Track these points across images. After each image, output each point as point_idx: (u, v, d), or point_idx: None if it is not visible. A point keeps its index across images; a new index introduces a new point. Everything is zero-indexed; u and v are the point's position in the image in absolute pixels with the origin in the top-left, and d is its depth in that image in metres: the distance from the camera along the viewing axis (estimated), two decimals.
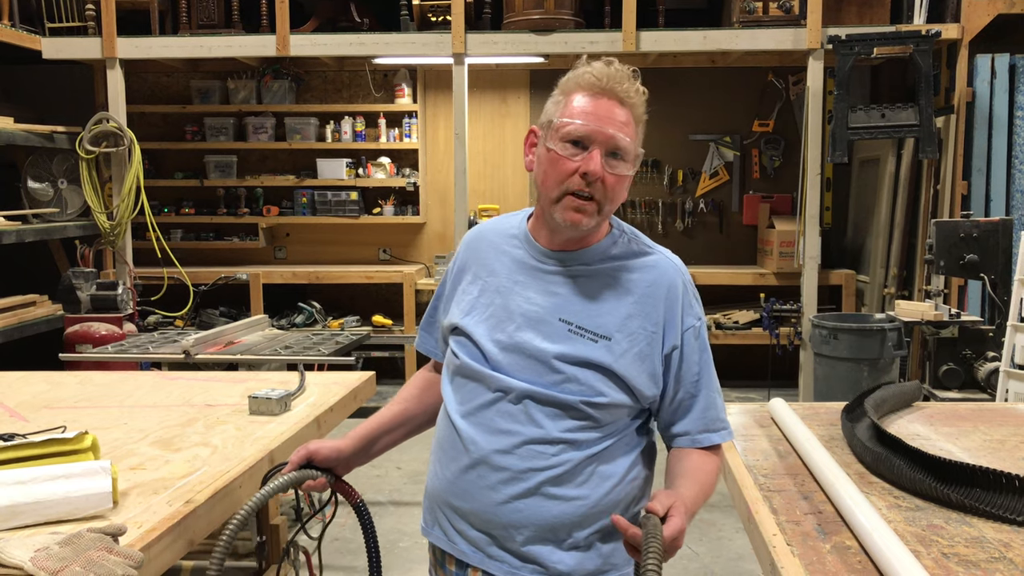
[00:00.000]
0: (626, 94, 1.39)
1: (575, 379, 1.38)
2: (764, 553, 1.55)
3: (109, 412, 2.48)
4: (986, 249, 4.14)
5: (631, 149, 1.39)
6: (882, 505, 1.68)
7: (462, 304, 1.50)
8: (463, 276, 1.54)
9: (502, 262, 1.48)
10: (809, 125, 5.48)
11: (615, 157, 1.37)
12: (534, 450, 1.38)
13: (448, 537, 1.47)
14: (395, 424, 1.65)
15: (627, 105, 1.39)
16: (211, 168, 6.59)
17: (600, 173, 1.35)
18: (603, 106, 1.37)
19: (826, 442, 2.07)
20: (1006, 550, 1.47)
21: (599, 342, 1.37)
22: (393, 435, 1.65)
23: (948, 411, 2.48)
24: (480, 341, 1.44)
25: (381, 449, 1.64)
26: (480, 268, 1.50)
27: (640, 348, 1.38)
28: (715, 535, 3.76)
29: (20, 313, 5.29)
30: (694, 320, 1.45)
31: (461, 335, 1.48)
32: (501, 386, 1.40)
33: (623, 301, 1.40)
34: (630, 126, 1.39)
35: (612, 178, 1.37)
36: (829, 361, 4.75)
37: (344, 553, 3.55)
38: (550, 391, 1.38)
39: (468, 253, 1.56)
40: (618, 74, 1.39)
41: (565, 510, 1.38)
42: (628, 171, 1.39)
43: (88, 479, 1.64)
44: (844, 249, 6.39)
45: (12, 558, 1.38)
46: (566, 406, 1.38)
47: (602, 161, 1.36)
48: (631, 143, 1.39)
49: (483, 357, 1.43)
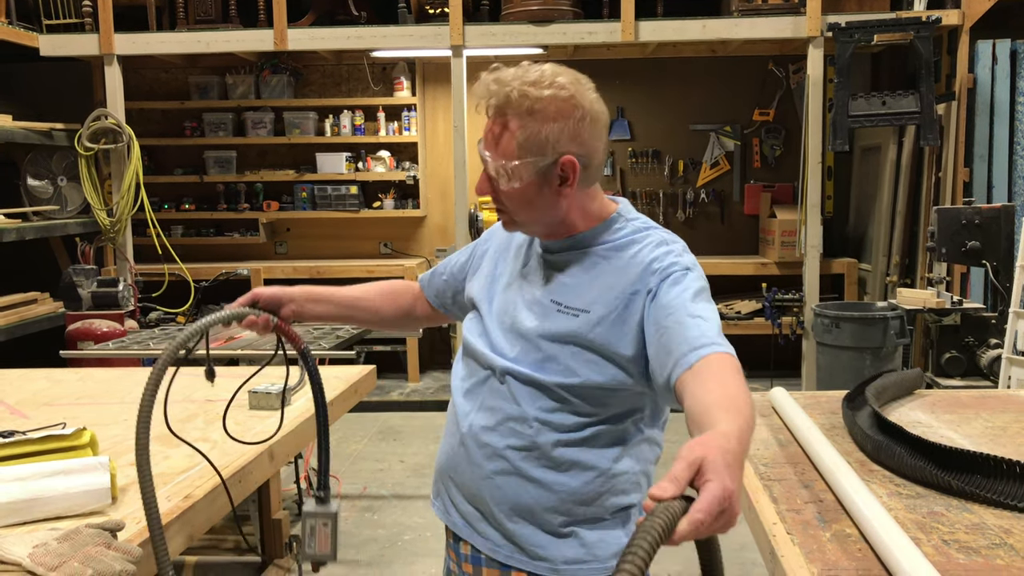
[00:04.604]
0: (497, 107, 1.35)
1: (554, 358, 1.38)
2: (764, 541, 1.55)
3: (110, 408, 2.48)
4: (988, 236, 4.13)
5: (501, 165, 1.35)
6: (883, 493, 1.67)
7: (482, 280, 1.55)
8: (487, 256, 1.60)
9: (523, 250, 1.52)
10: (810, 114, 5.46)
11: (497, 176, 1.37)
12: (513, 428, 1.40)
13: (446, 509, 1.51)
14: (343, 303, 1.71)
15: (503, 115, 1.34)
16: (210, 164, 6.58)
17: (479, 191, 1.42)
18: (486, 126, 1.38)
19: (827, 431, 2.06)
20: (1007, 536, 1.47)
21: (579, 316, 1.37)
22: (335, 311, 1.70)
23: (950, 398, 2.47)
24: (487, 321, 1.48)
25: (319, 314, 1.68)
26: (509, 255, 1.55)
27: (618, 312, 1.35)
28: None
29: (21, 311, 5.29)
30: (673, 270, 1.35)
31: (477, 312, 1.53)
32: (490, 364, 1.43)
33: (606, 275, 1.39)
34: (504, 138, 1.35)
35: (506, 195, 1.39)
36: (832, 350, 4.74)
37: (347, 547, 3.55)
38: (530, 370, 1.39)
39: (498, 239, 1.61)
40: (488, 86, 1.35)
41: (542, 493, 1.38)
42: (510, 186, 1.36)
43: (86, 475, 1.64)
44: (846, 238, 6.38)
45: (10, 554, 1.38)
46: (543, 386, 1.38)
47: (483, 179, 1.41)
48: (500, 159, 1.35)
49: (486, 335, 1.47)
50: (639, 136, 6.61)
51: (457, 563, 1.49)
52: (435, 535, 3.73)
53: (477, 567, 1.44)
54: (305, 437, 2.40)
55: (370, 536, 3.69)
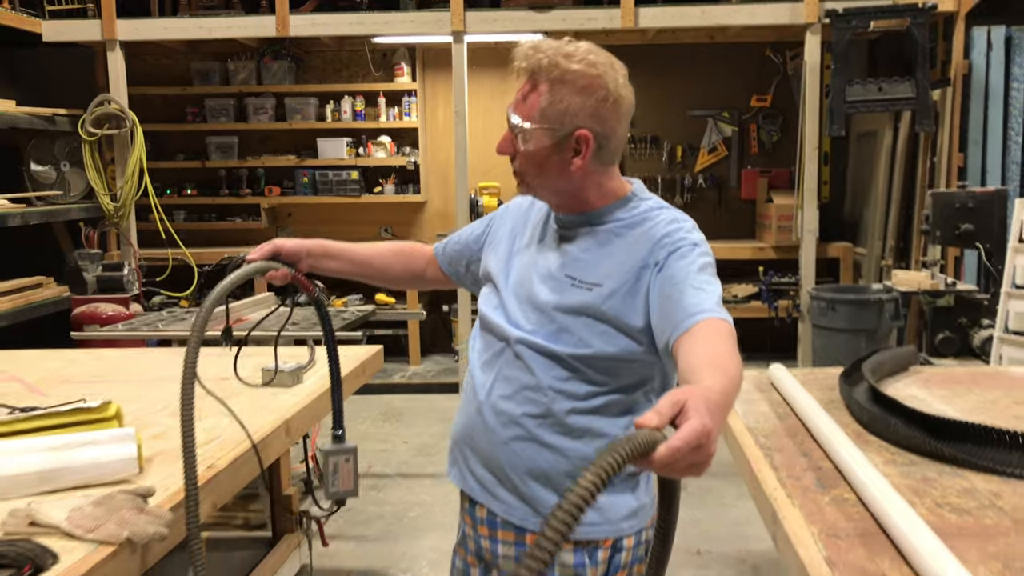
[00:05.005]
0: (528, 69, 1.42)
1: (567, 329, 1.44)
2: (766, 506, 1.62)
3: (126, 387, 2.54)
4: (982, 219, 4.20)
5: (519, 124, 1.42)
6: (879, 461, 1.75)
7: (499, 255, 1.61)
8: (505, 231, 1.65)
9: (539, 226, 1.58)
10: (807, 99, 5.52)
11: (516, 135, 1.44)
12: (528, 396, 1.46)
13: (463, 475, 1.58)
14: (356, 260, 1.76)
15: (533, 78, 1.42)
16: (212, 149, 6.62)
17: (499, 150, 1.47)
18: (517, 89, 1.45)
19: (824, 405, 2.13)
20: (996, 499, 1.54)
21: (592, 290, 1.43)
22: (348, 267, 1.76)
23: (943, 374, 2.55)
24: (504, 294, 1.54)
25: (333, 269, 1.74)
26: (526, 230, 1.61)
27: (629, 286, 1.42)
28: (716, 502, 3.84)
29: (27, 295, 5.34)
30: (681, 244, 1.43)
31: (491, 284, 1.59)
32: (506, 335, 1.50)
33: (619, 251, 1.46)
34: (528, 100, 1.42)
35: (521, 155, 1.45)
36: (827, 332, 4.82)
37: (355, 523, 3.63)
38: (544, 341, 1.45)
39: (513, 214, 1.67)
40: (524, 50, 1.43)
41: (557, 458, 1.45)
42: (525, 148, 1.43)
43: (114, 445, 1.71)
44: (842, 222, 6.45)
45: (50, 518, 1.45)
46: (557, 356, 1.45)
47: (504, 138, 1.46)
48: (520, 119, 1.42)
49: (502, 308, 1.53)
50: (638, 122, 6.66)
51: (473, 526, 1.56)
52: (441, 511, 3.81)
53: (492, 529, 1.51)
54: (318, 412, 2.47)
55: (377, 513, 3.77)
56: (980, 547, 1.35)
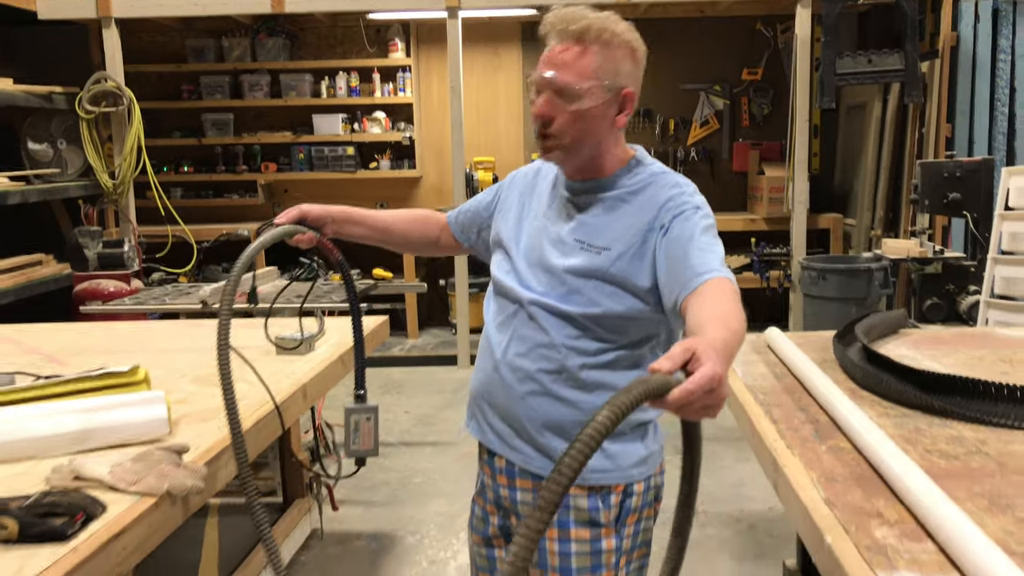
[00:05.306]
0: (577, 32, 1.48)
1: (578, 291, 1.53)
2: (767, 456, 1.72)
3: (143, 356, 2.60)
4: (969, 188, 4.30)
5: (577, 85, 1.48)
6: (872, 415, 1.84)
7: (509, 222, 1.69)
8: (513, 199, 1.73)
9: (547, 193, 1.67)
10: (797, 72, 5.59)
11: (564, 96, 1.49)
12: (543, 354, 1.55)
13: (481, 429, 1.67)
14: (376, 227, 1.85)
15: (583, 41, 1.48)
16: (208, 126, 6.65)
17: (539, 113, 1.51)
18: (554, 52, 1.50)
19: (819, 365, 2.23)
20: (982, 445, 1.65)
21: (601, 253, 1.52)
22: (369, 233, 1.84)
23: (932, 336, 2.65)
24: (515, 259, 1.63)
25: (354, 235, 1.83)
26: (533, 198, 1.69)
27: (636, 249, 1.50)
28: (716, 465, 3.96)
29: (28, 272, 5.38)
30: (684, 207, 1.50)
31: (502, 250, 1.67)
32: (519, 298, 1.58)
33: (626, 215, 1.54)
34: (581, 63, 1.48)
35: (564, 117, 1.50)
36: (818, 301, 4.92)
37: (361, 489, 3.73)
38: (557, 302, 1.54)
39: (521, 182, 1.75)
40: (567, 15, 1.49)
41: (572, 410, 1.55)
42: (579, 106, 1.49)
43: (146, 407, 1.79)
44: (832, 194, 6.54)
45: (93, 472, 1.53)
46: (568, 316, 1.54)
47: (547, 102, 1.50)
48: (577, 79, 1.48)
49: (515, 272, 1.61)
50: None
51: (492, 476, 1.66)
52: (443, 478, 3.91)
53: (511, 479, 1.61)
54: (331, 379, 2.55)
55: (382, 479, 3.87)
56: (968, 487, 1.45)
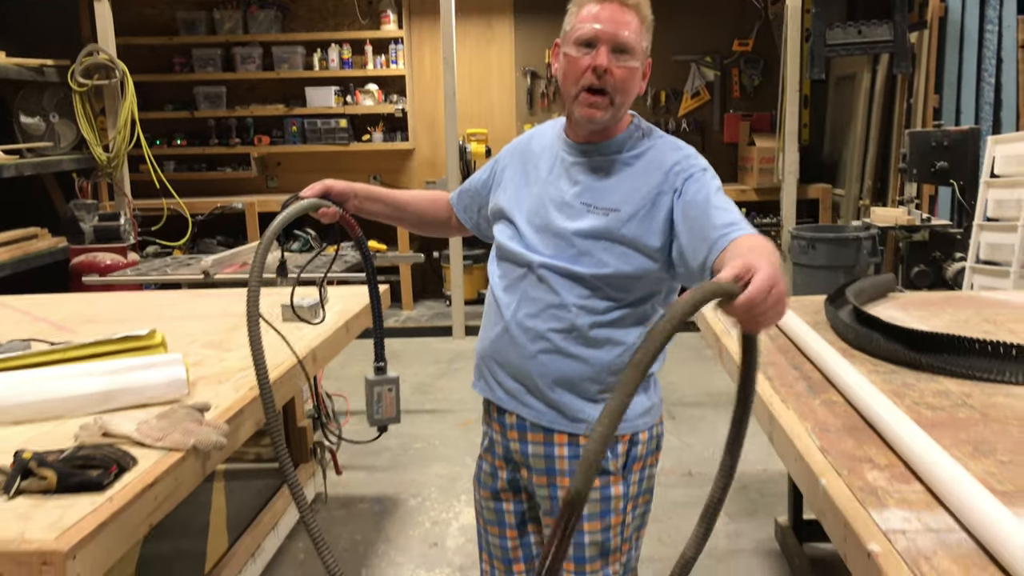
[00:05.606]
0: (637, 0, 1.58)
1: (588, 252, 1.60)
2: (763, 410, 1.80)
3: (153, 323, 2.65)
4: (955, 157, 4.38)
5: (636, 43, 1.57)
6: (863, 371, 1.93)
7: (509, 191, 1.74)
8: (508, 171, 1.78)
9: (544, 158, 1.72)
10: (788, 43, 5.64)
11: (622, 52, 1.57)
12: (554, 314, 1.62)
13: (490, 388, 1.73)
14: (395, 205, 1.92)
15: (629, 7, 1.58)
16: (201, 99, 6.66)
17: (606, 65, 1.56)
18: (607, 10, 1.57)
19: (811, 326, 2.31)
20: (967, 398, 1.73)
21: (609, 215, 1.59)
22: (388, 211, 1.92)
23: (920, 299, 2.74)
24: (520, 225, 1.68)
25: (374, 212, 1.90)
26: (530, 165, 1.74)
27: (646, 210, 1.57)
28: (708, 428, 4.06)
29: (24, 245, 5.41)
30: (693, 170, 1.58)
31: (505, 219, 1.73)
32: (529, 261, 1.64)
33: (631, 178, 1.61)
34: (634, 24, 1.58)
35: (621, 71, 1.57)
36: (808, 270, 5.01)
37: (363, 455, 3.81)
38: (567, 264, 1.61)
39: (516, 153, 1.80)
40: None
41: (582, 366, 1.62)
42: (636, 63, 1.58)
43: (166, 368, 1.86)
44: (821, 164, 6.62)
45: (120, 428, 1.60)
46: (578, 277, 1.60)
47: (609, 56, 1.56)
48: (635, 38, 1.57)
49: (520, 237, 1.67)
50: None
51: (502, 432, 1.73)
52: (442, 443, 4.00)
53: (522, 432, 1.68)
54: (338, 344, 2.62)
55: (383, 446, 3.95)
56: (953, 435, 1.53)
